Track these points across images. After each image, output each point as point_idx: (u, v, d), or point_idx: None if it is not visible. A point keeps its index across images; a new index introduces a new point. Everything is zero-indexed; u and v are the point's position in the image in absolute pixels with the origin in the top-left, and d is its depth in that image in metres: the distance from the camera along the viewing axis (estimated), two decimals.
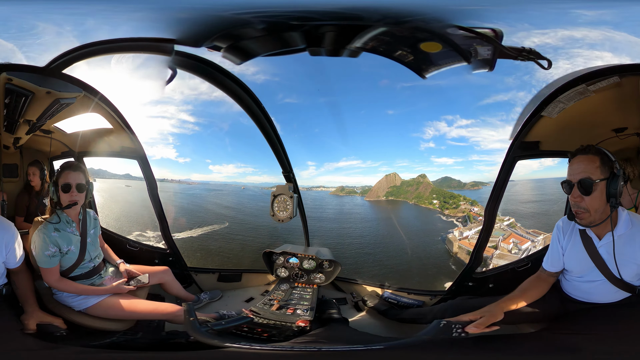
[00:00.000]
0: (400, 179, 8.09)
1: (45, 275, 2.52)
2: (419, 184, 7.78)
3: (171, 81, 3.00)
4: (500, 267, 3.38)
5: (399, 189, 8.09)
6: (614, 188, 2.00)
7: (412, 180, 7.91)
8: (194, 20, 2.48)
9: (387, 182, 8.16)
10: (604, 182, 2.01)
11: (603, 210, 2.06)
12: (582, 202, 2.05)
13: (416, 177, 7.88)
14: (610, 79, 2.34)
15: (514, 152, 2.98)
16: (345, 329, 2.82)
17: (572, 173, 2.08)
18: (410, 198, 7.82)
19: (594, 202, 2.03)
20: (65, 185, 2.55)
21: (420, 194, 7.71)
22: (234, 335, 2.48)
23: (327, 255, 3.70)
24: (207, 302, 3.43)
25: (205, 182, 8.79)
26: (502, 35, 2.27)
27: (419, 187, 7.75)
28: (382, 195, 8.15)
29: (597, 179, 2.00)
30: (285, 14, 2.32)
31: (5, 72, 2.50)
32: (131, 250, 3.59)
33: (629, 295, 2.17)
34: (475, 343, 2.10)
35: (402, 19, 2.29)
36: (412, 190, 7.85)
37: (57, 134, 3.16)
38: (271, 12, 2.30)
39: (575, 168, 2.07)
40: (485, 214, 3.27)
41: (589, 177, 2.01)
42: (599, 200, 2.03)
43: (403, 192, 7.99)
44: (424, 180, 7.69)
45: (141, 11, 2.46)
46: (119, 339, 2.57)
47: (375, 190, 8.22)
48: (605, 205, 2.05)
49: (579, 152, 2.09)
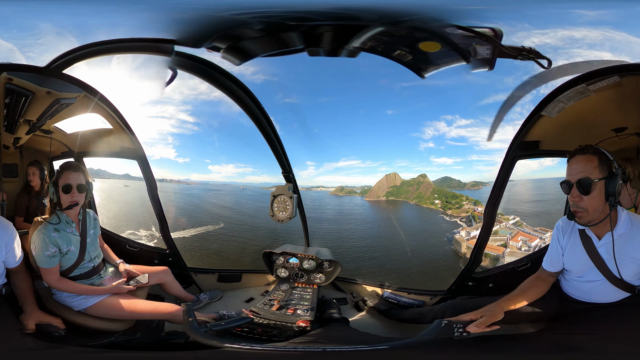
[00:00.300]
0: (401, 179, 8.02)
1: (45, 275, 2.52)
2: (419, 184, 7.71)
3: (171, 82, 3.01)
4: (500, 266, 3.41)
5: (399, 189, 8.01)
6: (613, 187, 2.01)
7: (412, 180, 7.84)
8: (192, 21, 2.48)
9: (388, 182, 8.07)
10: (602, 182, 2.02)
11: (602, 210, 2.07)
12: (581, 202, 2.07)
13: (416, 177, 7.82)
14: (610, 78, 2.34)
15: (513, 152, 2.98)
16: (347, 329, 2.82)
17: (571, 173, 2.09)
18: (411, 198, 7.73)
19: (592, 202, 2.04)
20: (66, 186, 2.55)
21: (421, 194, 7.63)
22: (234, 335, 2.47)
23: (327, 256, 3.70)
24: (206, 302, 3.43)
25: (205, 182, 8.78)
26: (501, 35, 2.27)
27: (419, 187, 7.69)
28: (383, 195, 8.06)
29: (595, 178, 2.02)
30: (282, 15, 2.32)
31: (5, 72, 2.50)
32: (131, 250, 3.60)
33: (629, 295, 2.18)
34: (478, 343, 2.10)
35: (399, 18, 2.29)
36: (413, 190, 7.75)
37: (57, 134, 3.16)
38: (268, 12, 2.30)
39: (574, 168, 2.08)
40: (485, 214, 3.27)
41: (587, 176, 2.02)
42: (598, 199, 2.04)
43: (404, 192, 7.89)
44: (424, 180, 7.63)
45: (142, 12, 2.46)
46: (118, 339, 2.57)
47: (376, 191, 8.12)
48: (604, 205, 2.06)
49: (577, 152, 2.10)
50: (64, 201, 2.57)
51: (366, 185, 8.37)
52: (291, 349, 2.06)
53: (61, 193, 2.56)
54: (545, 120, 2.77)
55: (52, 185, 2.57)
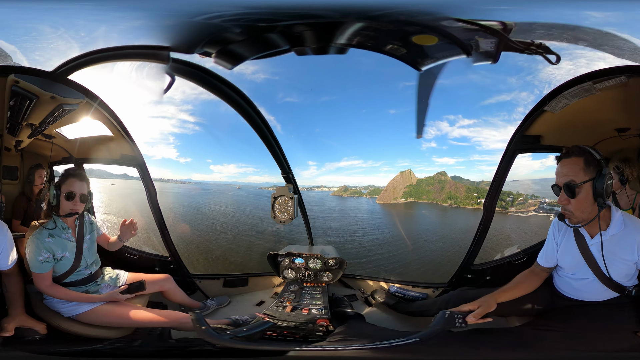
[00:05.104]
0: (416, 177, 7.66)
1: (36, 280, 2.47)
2: (441, 182, 7.39)
3: (169, 89, 2.98)
4: (498, 260, 3.44)
5: (418, 189, 7.50)
6: (600, 187, 2.02)
7: (430, 179, 7.61)
8: (180, 27, 2.46)
9: (403, 180, 7.63)
10: (589, 183, 2.05)
11: (590, 211, 2.10)
12: (568, 205, 2.11)
13: (434, 175, 7.45)
14: (617, 78, 2.36)
15: (514, 145, 3.02)
16: (367, 325, 2.86)
17: (558, 177, 2.13)
18: (440, 199, 7.27)
19: (579, 204, 2.08)
20: (69, 194, 2.52)
21: (451, 193, 7.16)
22: (262, 339, 2.46)
23: (331, 253, 3.73)
24: (215, 308, 3.39)
25: (205, 182, 8.57)
26: (511, 29, 2.23)
27: (444, 186, 7.33)
28: (400, 196, 7.47)
29: (580, 181, 2.05)
30: (251, 17, 2.30)
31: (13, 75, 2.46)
32: (130, 257, 3.49)
33: (618, 295, 2.22)
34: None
35: (371, 13, 2.26)
36: (436, 190, 7.30)
37: (58, 139, 3.11)
38: (238, 15, 2.28)
39: (560, 171, 2.12)
40: (484, 207, 3.34)
41: (572, 180, 2.06)
42: (584, 201, 2.07)
43: (424, 192, 7.40)
44: (445, 178, 7.29)
45: (140, 19, 2.43)
46: (107, 346, 2.52)
47: (390, 191, 7.55)
48: (592, 205, 2.08)
49: (563, 155, 2.14)
50: (64, 208, 2.54)
51: (370, 185, 8.16)
52: (331, 348, 2.08)
53: (62, 199, 2.52)
54: (548, 116, 2.79)
55: (54, 189, 2.52)
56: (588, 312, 2.26)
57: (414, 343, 2.07)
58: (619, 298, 2.23)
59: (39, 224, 2.54)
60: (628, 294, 2.20)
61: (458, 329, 2.13)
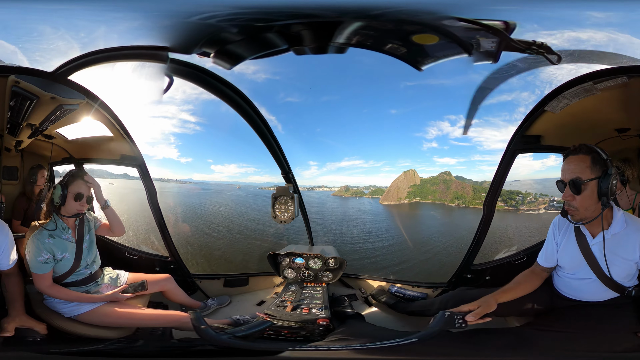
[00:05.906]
0: (419, 177, 7.53)
1: (36, 280, 2.48)
2: (446, 182, 7.27)
3: (168, 89, 2.98)
4: (498, 260, 3.44)
5: (422, 189, 7.33)
6: (605, 187, 2.03)
7: (434, 179, 7.47)
8: (178, 28, 2.46)
9: (407, 180, 7.45)
10: (594, 182, 2.05)
11: (594, 209, 2.10)
12: (573, 201, 2.11)
13: (438, 174, 7.37)
14: (618, 78, 2.36)
15: (514, 145, 3.01)
16: (366, 324, 2.87)
17: (564, 172, 2.13)
18: (446, 199, 7.13)
19: (584, 201, 2.08)
20: (79, 195, 2.56)
21: (458, 193, 7.08)
22: (262, 338, 2.47)
23: (332, 253, 3.74)
24: (215, 308, 3.39)
25: (206, 182, 8.54)
26: (513, 28, 2.22)
27: (449, 186, 7.18)
28: (405, 197, 7.28)
29: (587, 178, 2.05)
30: (247, 16, 2.29)
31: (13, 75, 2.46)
32: (130, 258, 3.51)
33: (618, 295, 2.22)
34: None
35: (371, 12, 2.25)
36: (441, 190, 7.20)
37: (58, 139, 3.13)
38: (234, 15, 2.27)
39: (567, 168, 2.12)
40: (484, 207, 3.33)
41: (578, 177, 2.06)
42: (589, 199, 2.08)
43: (429, 192, 7.25)
44: (450, 177, 7.21)
45: (138, 19, 2.43)
46: (109, 346, 2.51)
47: (394, 191, 7.36)
48: (596, 204, 2.09)
49: (570, 152, 2.14)
50: (71, 208, 2.56)
51: (371, 185, 8.04)
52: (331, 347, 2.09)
53: (70, 199, 2.54)
54: (548, 116, 2.79)
55: (61, 189, 2.53)
56: (588, 312, 2.26)
57: (413, 343, 2.08)
58: (619, 298, 2.22)
59: (39, 224, 2.54)
60: (628, 294, 2.19)
61: (458, 329, 2.13)
